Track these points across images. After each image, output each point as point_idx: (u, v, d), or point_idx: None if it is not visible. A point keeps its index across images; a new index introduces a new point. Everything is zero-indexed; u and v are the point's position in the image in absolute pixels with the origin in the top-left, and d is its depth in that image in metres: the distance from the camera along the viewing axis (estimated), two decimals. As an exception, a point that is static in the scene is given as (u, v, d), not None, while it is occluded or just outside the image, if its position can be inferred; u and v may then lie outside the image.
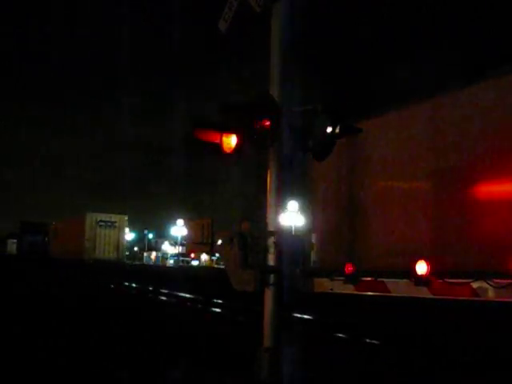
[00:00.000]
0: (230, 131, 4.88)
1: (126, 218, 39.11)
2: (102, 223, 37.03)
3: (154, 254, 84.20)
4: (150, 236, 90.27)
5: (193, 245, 67.81)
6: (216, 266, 63.03)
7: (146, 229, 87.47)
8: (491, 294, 5.45)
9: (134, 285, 25.43)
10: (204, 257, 72.71)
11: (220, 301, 15.98)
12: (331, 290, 6.22)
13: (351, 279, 6.04)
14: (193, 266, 67.36)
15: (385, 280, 6.22)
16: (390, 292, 6.16)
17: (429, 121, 7.96)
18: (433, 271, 5.34)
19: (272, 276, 4.88)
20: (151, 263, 76.30)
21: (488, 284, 5.18)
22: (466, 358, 7.51)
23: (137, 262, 73.08)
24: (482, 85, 6.98)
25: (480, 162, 7.01)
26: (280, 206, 4.98)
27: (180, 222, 61.54)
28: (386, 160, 8.86)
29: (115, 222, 37.73)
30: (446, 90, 7.65)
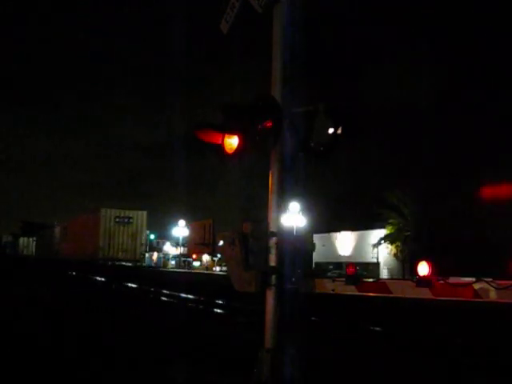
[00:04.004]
0: (231, 132, 4.87)
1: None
2: (119, 220, 30.99)
3: (155, 255, 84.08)
4: (152, 237, 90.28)
5: (194, 246, 67.67)
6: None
7: (147, 230, 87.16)
8: (493, 295, 5.45)
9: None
10: (206, 258, 72.55)
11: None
12: (333, 290, 6.22)
13: (353, 280, 6.02)
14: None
15: (386, 281, 6.21)
16: (391, 293, 6.17)
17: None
18: (434, 272, 5.34)
19: (273, 277, 4.88)
20: (152, 264, 76.06)
21: (489, 285, 5.17)
22: (468, 358, 7.50)
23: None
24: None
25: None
26: (282, 207, 4.98)
27: (182, 222, 61.45)
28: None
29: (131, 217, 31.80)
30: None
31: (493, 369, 6.99)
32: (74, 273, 31.49)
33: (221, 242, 5.14)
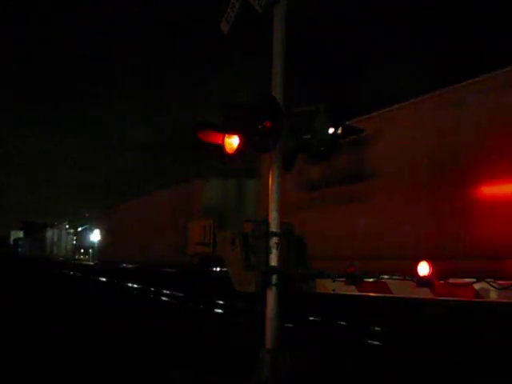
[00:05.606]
0: (231, 132, 4.87)
1: None
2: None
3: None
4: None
5: (194, 245, 67.38)
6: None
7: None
8: (493, 295, 5.45)
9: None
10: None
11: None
12: (333, 291, 6.22)
13: (353, 280, 6.01)
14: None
15: (387, 281, 6.21)
16: (391, 293, 6.18)
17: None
18: (435, 272, 5.33)
19: (274, 277, 4.87)
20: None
21: (490, 285, 5.17)
22: (468, 358, 7.50)
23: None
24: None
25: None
26: (282, 206, 4.98)
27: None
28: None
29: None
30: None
31: (493, 369, 6.98)
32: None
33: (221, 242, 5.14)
